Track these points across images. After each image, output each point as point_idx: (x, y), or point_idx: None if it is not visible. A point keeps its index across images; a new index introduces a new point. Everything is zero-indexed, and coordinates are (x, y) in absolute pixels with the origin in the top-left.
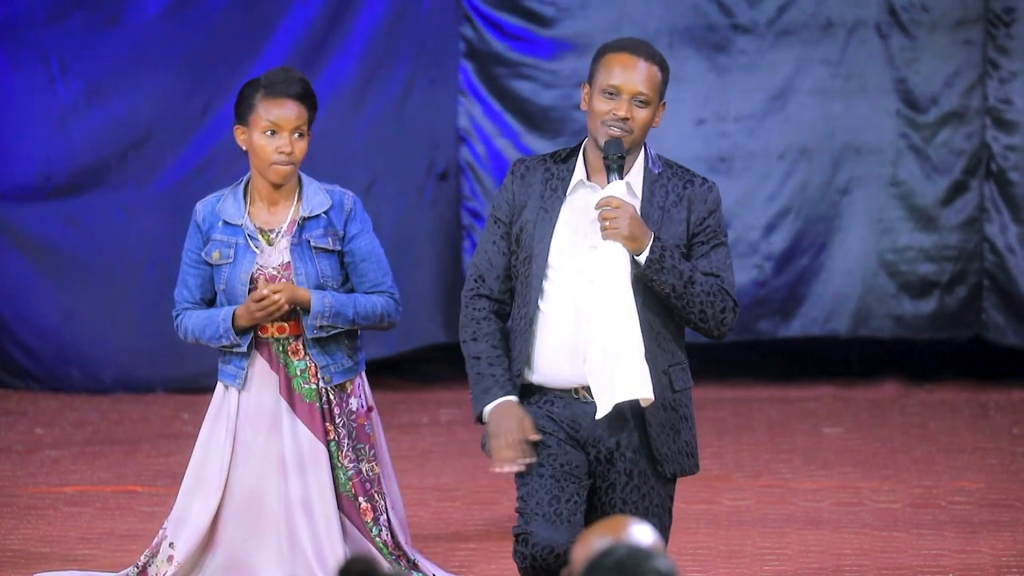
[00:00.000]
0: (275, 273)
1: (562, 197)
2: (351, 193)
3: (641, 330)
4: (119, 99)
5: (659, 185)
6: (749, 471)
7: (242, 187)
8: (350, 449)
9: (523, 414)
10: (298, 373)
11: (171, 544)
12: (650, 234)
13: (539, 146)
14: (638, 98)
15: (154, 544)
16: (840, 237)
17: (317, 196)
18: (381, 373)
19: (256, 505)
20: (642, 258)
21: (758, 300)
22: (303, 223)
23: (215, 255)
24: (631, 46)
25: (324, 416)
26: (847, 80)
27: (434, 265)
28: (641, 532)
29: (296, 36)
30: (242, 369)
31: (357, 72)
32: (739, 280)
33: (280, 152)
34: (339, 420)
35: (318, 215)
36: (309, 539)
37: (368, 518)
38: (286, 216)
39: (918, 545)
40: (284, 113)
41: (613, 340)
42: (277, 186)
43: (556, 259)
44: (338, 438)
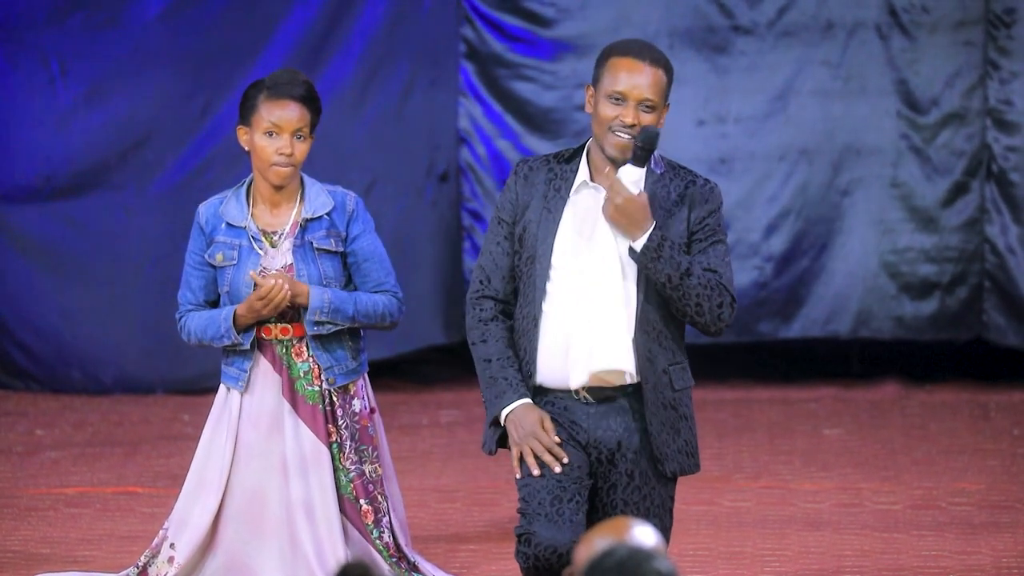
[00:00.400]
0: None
1: (565, 198)
2: (353, 194)
3: (639, 326)
4: (119, 100)
5: (661, 185)
6: (749, 472)
7: (245, 189)
8: (352, 451)
9: (542, 415)
10: (301, 375)
11: (172, 545)
12: (652, 222)
13: (539, 147)
14: (644, 104)
15: (154, 544)
16: (841, 238)
17: (320, 197)
18: (381, 374)
19: (257, 507)
20: (639, 244)
21: (759, 301)
22: (305, 224)
23: (219, 257)
24: (636, 50)
25: (327, 418)
26: (847, 81)
27: (434, 266)
28: (643, 534)
29: (296, 37)
30: (244, 371)
31: (357, 73)
32: (740, 281)
33: (280, 153)
34: (342, 422)
35: (320, 216)
36: (310, 541)
37: (369, 520)
38: (289, 218)
39: (918, 546)
40: (285, 114)
41: (598, 315)
42: (278, 187)
43: (559, 260)
44: (340, 440)
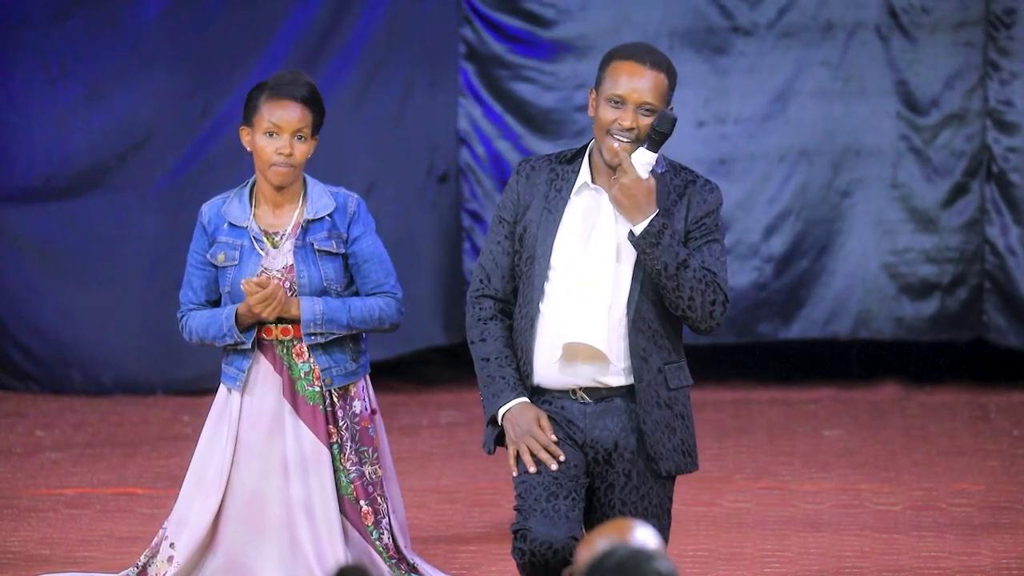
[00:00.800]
0: (279, 276)
1: (566, 199)
2: (355, 195)
3: (634, 325)
4: (119, 101)
5: (662, 184)
6: (749, 473)
7: (248, 189)
8: (352, 452)
9: (539, 414)
10: (302, 375)
11: (171, 544)
12: (655, 208)
13: (539, 148)
14: (644, 107)
15: (154, 544)
16: (840, 239)
17: (322, 199)
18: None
19: (257, 507)
20: (639, 228)
21: (758, 302)
22: (307, 226)
23: (220, 257)
24: (637, 54)
25: (327, 419)
26: (847, 82)
27: (434, 267)
28: (645, 535)
29: (296, 38)
30: (242, 371)
31: (357, 74)
32: (739, 282)
33: (279, 153)
34: (342, 423)
35: (322, 218)
36: (310, 542)
37: (369, 521)
38: (290, 218)
39: (918, 547)
40: (285, 115)
41: (593, 314)
42: (279, 188)
43: (558, 260)
44: (340, 441)
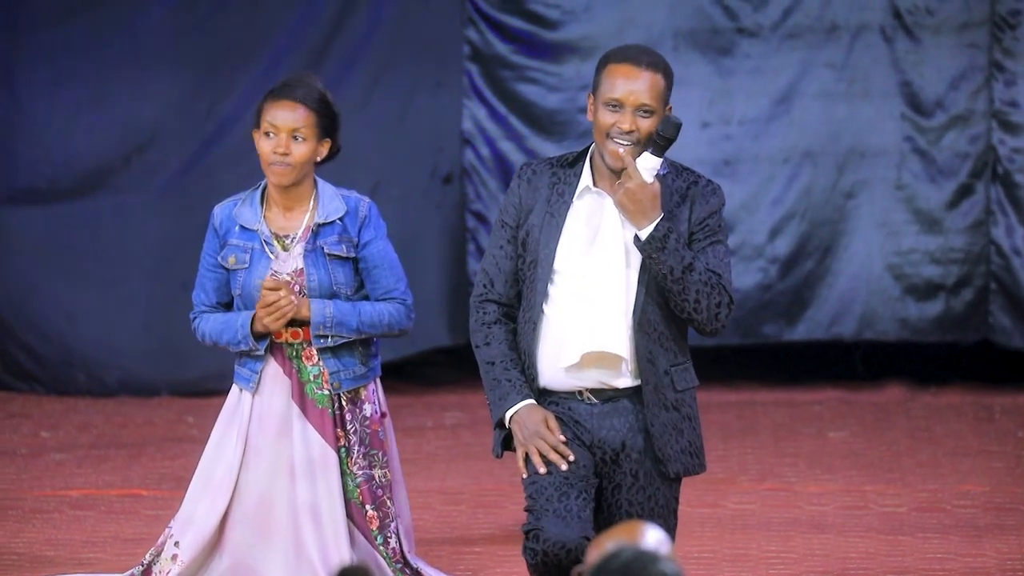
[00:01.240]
0: (289, 279)
1: (569, 202)
2: (367, 199)
3: (639, 327)
4: (123, 102)
5: (664, 186)
6: (754, 475)
7: (259, 192)
8: (360, 455)
9: (546, 415)
10: (311, 378)
11: (176, 543)
12: (660, 212)
13: (544, 149)
14: (642, 109)
15: (159, 543)
16: (845, 240)
17: (333, 202)
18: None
19: (265, 510)
20: (645, 233)
21: (763, 304)
22: (318, 229)
23: (231, 260)
24: (633, 56)
25: (336, 422)
26: (852, 83)
27: (439, 269)
28: (656, 538)
29: (301, 39)
30: (256, 373)
31: (361, 75)
32: (744, 283)
33: (274, 152)
34: (351, 426)
35: (333, 221)
36: (316, 545)
37: (374, 526)
38: (301, 222)
39: (923, 549)
40: (281, 114)
41: (598, 316)
42: (281, 188)
43: (561, 264)
44: (348, 444)
